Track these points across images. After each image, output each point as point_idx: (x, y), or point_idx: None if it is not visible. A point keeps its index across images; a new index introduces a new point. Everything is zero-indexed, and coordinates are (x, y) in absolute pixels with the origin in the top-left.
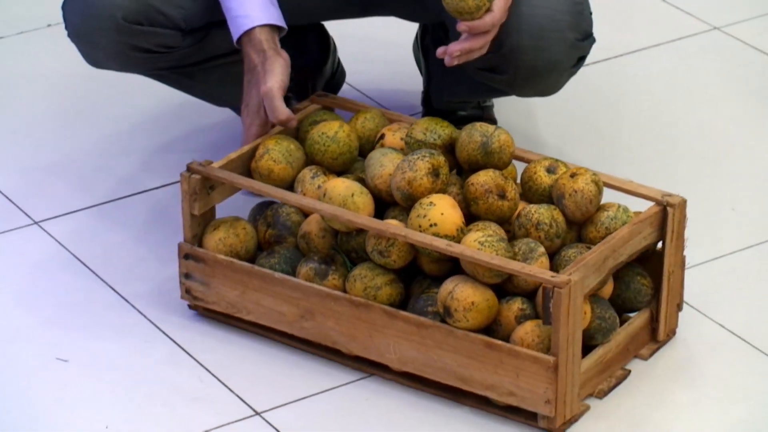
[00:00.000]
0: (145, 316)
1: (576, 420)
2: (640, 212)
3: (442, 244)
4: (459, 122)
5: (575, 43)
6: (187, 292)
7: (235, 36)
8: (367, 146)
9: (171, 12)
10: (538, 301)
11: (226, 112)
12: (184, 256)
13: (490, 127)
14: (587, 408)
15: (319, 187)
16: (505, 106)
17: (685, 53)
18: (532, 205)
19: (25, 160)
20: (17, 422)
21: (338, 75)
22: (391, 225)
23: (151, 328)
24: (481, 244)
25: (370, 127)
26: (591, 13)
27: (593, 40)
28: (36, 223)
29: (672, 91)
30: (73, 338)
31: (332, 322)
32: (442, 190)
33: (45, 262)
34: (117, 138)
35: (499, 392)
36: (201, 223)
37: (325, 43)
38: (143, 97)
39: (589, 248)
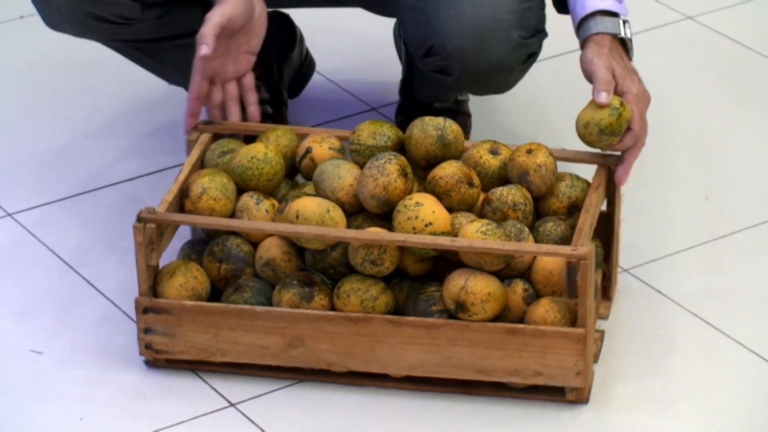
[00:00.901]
0: (118, 308)
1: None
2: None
3: (446, 241)
4: (434, 114)
5: (521, 42)
6: (147, 348)
7: None
8: (287, 163)
9: None
10: (539, 279)
11: None
12: (143, 310)
13: (440, 119)
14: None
15: (267, 211)
16: (478, 97)
17: (658, 43)
18: (500, 189)
19: None
20: None
21: (307, 65)
22: (383, 233)
23: (124, 319)
24: (484, 234)
25: (285, 144)
26: (543, 8)
27: (544, 35)
28: (9, 214)
29: (645, 81)
30: (47, 330)
31: (326, 343)
32: (411, 190)
33: (17, 254)
34: (90, 129)
35: (524, 375)
36: (153, 272)
37: (291, 33)
38: (117, 88)
39: (564, 220)
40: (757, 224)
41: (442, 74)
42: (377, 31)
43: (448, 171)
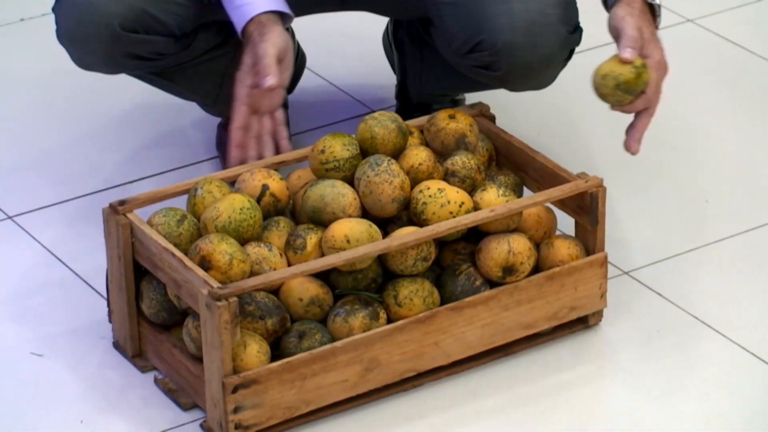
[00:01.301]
0: None
1: None
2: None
3: (486, 214)
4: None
5: (567, 36)
6: (237, 428)
7: (240, 25)
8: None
9: (166, 19)
10: (531, 226)
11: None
12: (233, 389)
13: (385, 113)
14: None
15: (281, 254)
16: (481, 98)
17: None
18: (454, 158)
19: None
20: None
21: (300, 59)
22: (432, 226)
23: None
24: (504, 195)
25: (229, 189)
26: (576, 3)
27: (581, 31)
28: (10, 217)
29: None
30: (47, 333)
31: (398, 354)
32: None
33: (19, 257)
34: (91, 133)
35: (561, 315)
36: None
37: (291, 34)
38: (119, 91)
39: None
40: (756, 227)
41: (487, 70)
42: (378, 35)
43: (422, 156)
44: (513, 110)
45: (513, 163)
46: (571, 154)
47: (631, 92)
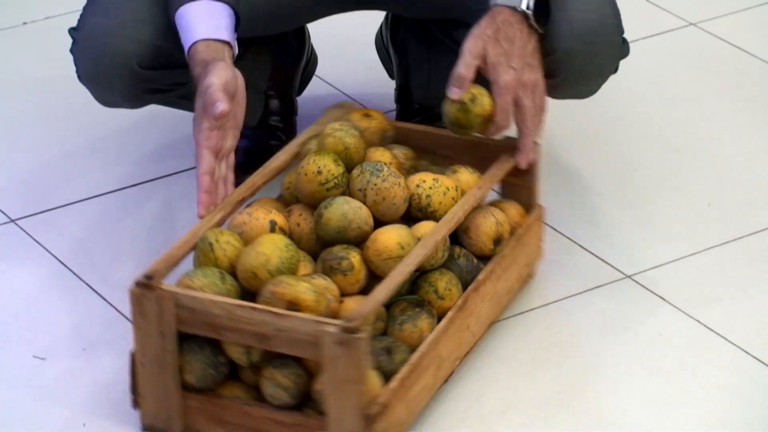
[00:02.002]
0: (121, 314)
1: None
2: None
3: (483, 191)
4: (435, 119)
5: (620, 47)
6: None
7: (186, 52)
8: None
9: (179, 54)
10: None
11: None
12: (375, 419)
13: (335, 124)
14: None
15: (342, 276)
16: None
17: (661, 49)
18: (397, 150)
19: (0, 158)
20: None
21: (311, 62)
22: (453, 217)
23: (127, 325)
24: (472, 174)
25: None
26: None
27: (628, 42)
28: (12, 221)
29: (648, 87)
30: (50, 336)
31: (451, 346)
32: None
33: (21, 261)
34: (95, 136)
35: (523, 274)
36: None
37: (302, 37)
38: None
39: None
40: (759, 230)
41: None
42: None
43: (387, 156)
44: None
45: (421, 148)
46: (573, 157)
47: (466, 128)
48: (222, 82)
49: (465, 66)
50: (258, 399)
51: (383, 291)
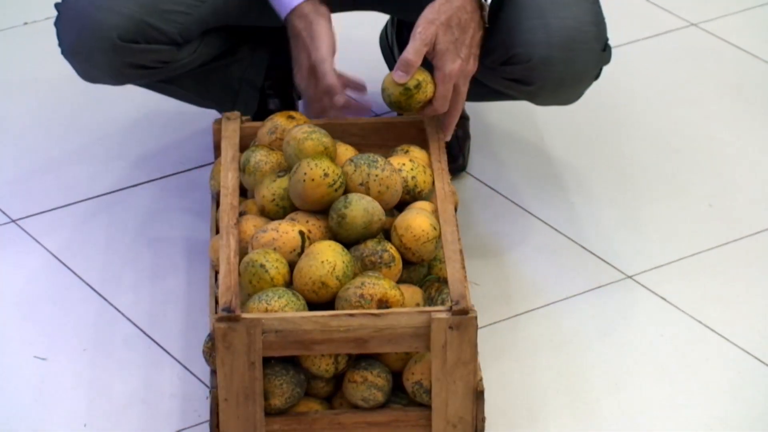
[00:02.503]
0: (122, 314)
1: None
2: None
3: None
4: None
5: (599, 54)
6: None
7: (282, 14)
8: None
9: (166, 27)
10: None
11: (209, 115)
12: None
13: (306, 126)
14: None
15: (386, 269)
16: (481, 103)
17: (662, 50)
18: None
19: (0, 158)
20: None
21: None
22: (448, 191)
23: (129, 326)
24: (415, 146)
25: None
26: (605, 21)
27: (611, 49)
28: (13, 221)
29: (649, 88)
30: (51, 337)
31: None
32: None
33: (22, 261)
34: (95, 136)
35: None
36: None
37: None
38: (124, 96)
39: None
40: (760, 231)
41: (519, 83)
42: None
43: (351, 150)
44: (513, 113)
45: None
46: (574, 158)
47: (405, 109)
48: (332, 52)
49: (414, 52)
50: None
51: (459, 270)
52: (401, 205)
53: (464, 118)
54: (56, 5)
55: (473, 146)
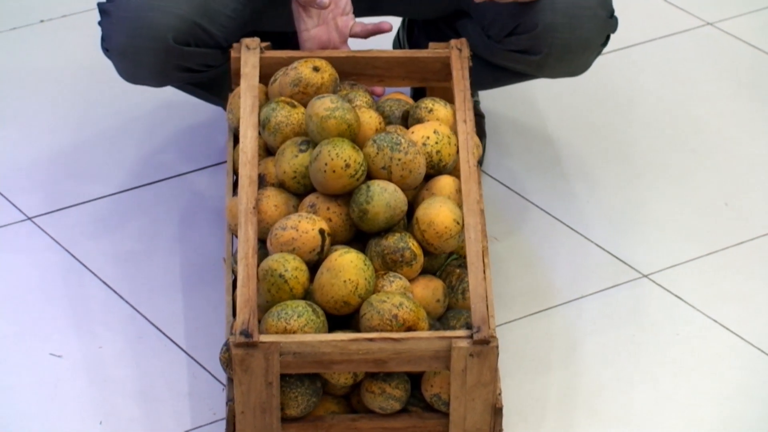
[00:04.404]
0: (137, 311)
1: None
2: None
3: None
4: None
5: (605, 21)
6: None
7: None
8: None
9: (215, 31)
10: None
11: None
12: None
13: (322, 98)
14: None
15: (408, 267)
16: (496, 100)
17: (677, 49)
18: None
19: (17, 156)
20: (10, 419)
21: None
22: (473, 166)
23: (144, 323)
24: (439, 102)
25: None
26: None
27: (617, 19)
28: (29, 218)
29: (665, 87)
30: (66, 334)
31: None
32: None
33: (37, 258)
34: (110, 134)
35: None
36: None
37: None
38: (137, 93)
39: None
40: None
41: (525, 54)
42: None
43: (374, 115)
44: (527, 111)
45: (351, 73)
46: (588, 156)
47: None
48: None
49: None
50: (350, 410)
51: (481, 283)
52: (425, 177)
53: (480, 116)
54: (100, 5)
55: (489, 146)
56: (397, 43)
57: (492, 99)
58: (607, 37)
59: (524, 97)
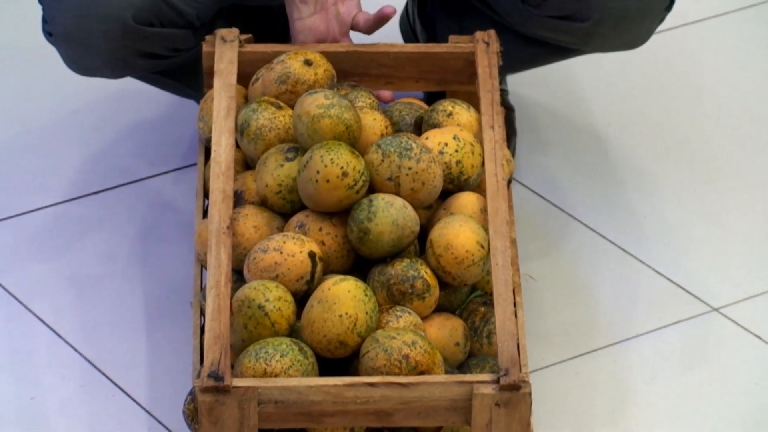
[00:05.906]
0: (80, 354)
1: None
2: None
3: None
4: None
5: None
6: None
7: None
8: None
9: (185, 7)
10: None
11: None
12: None
13: (316, 94)
14: None
15: (420, 301)
16: (529, 87)
17: (755, 24)
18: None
19: None
20: None
21: None
22: (501, 180)
23: (89, 369)
24: (462, 106)
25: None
26: None
27: None
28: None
29: (738, 72)
30: None
31: None
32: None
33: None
34: (49, 132)
35: None
36: None
37: None
38: (81, 81)
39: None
40: None
41: (571, 20)
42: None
43: (378, 116)
44: (570, 94)
45: (354, 72)
46: (643, 160)
47: None
48: None
49: None
50: None
51: (510, 319)
52: (443, 194)
53: (508, 109)
54: None
55: (520, 146)
56: (405, 17)
57: (523, 86)
58: (671, 3)
59: (563, 83)
